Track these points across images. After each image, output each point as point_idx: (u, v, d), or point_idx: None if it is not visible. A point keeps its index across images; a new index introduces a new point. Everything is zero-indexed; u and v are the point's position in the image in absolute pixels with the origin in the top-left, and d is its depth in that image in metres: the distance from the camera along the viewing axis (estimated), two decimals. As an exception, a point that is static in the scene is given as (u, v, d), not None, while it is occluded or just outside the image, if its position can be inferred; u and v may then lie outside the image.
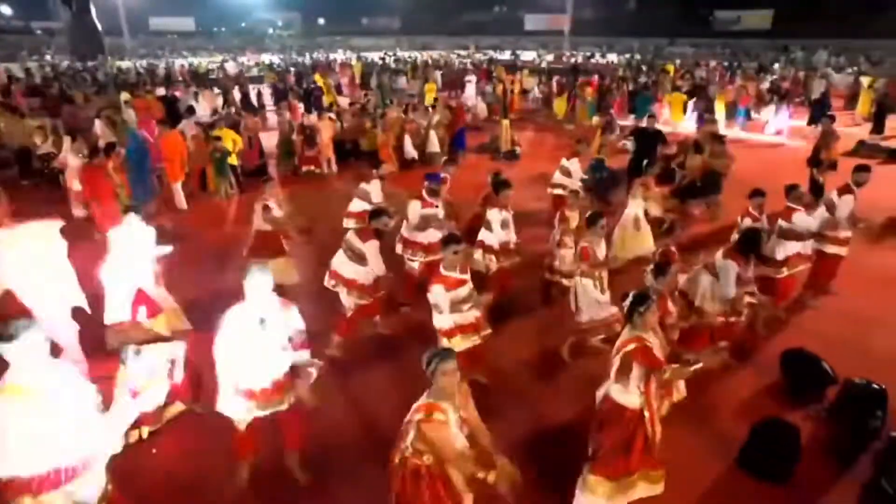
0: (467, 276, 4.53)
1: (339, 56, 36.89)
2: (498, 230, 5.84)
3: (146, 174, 9.21)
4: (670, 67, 28.16)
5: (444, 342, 4.34)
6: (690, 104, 16.58)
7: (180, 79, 23.50)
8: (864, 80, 20.47)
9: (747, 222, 6.00)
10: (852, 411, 4.54)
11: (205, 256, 7.62)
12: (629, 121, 16.25)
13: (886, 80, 19.30)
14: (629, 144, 10.83)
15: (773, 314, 6.06)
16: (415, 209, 6.02)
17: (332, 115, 12.77)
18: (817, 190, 9.89)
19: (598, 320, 5.17)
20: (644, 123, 10.64)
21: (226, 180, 10.19)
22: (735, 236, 5.65)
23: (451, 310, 4.37)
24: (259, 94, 17.74)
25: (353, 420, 4.68)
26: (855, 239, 6.57)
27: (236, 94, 18.26)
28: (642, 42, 45.36)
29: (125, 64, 30.72)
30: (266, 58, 35.78)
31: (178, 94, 16.46)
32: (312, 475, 4.03)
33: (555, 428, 4.61)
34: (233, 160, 10.31)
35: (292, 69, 26.29)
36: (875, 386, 4.58)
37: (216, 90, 18.28)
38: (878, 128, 14.96)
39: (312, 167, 11.75)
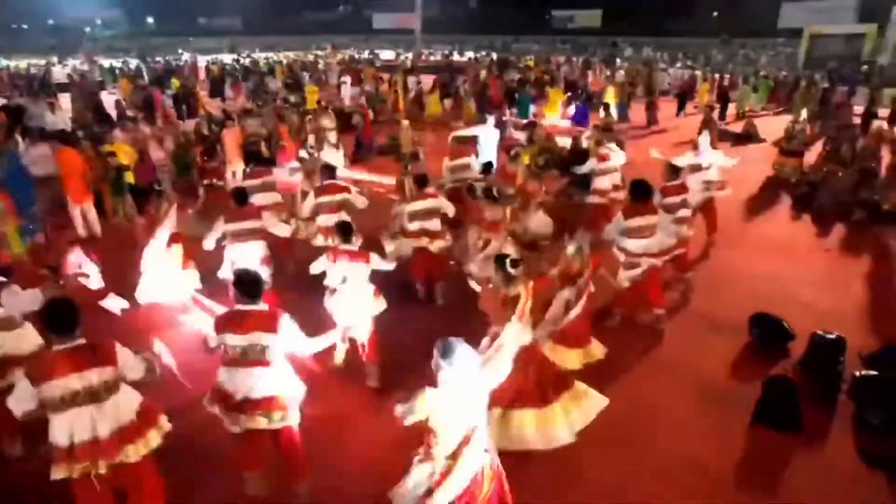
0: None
1: (187, 58, 34.03)
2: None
3: (32, 200, 7.94)
4: (531, 63, 29.89)
5: None
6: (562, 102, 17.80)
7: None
8: (698, 73, 23.43)
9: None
10: (820, 361, 5.29)
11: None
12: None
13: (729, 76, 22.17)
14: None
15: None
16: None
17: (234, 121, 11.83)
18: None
19: None
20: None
21: (124, 200, 9.07)
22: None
23: None
24: (119, 104, 15.87)
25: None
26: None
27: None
28: (490, 39, 47.54)
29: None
30: (106, 62, 31.85)
31: (21, 102, 14.20)
32: None
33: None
34: (129, 177, 9.21)
35: (145, 74, 23.84)
36: (833, 336, 5.36)
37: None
38: (721, 115, 17.20)
39: (214, 180, 10.81)
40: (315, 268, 5.13)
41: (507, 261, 4.16)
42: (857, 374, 5.05)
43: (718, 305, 6.50)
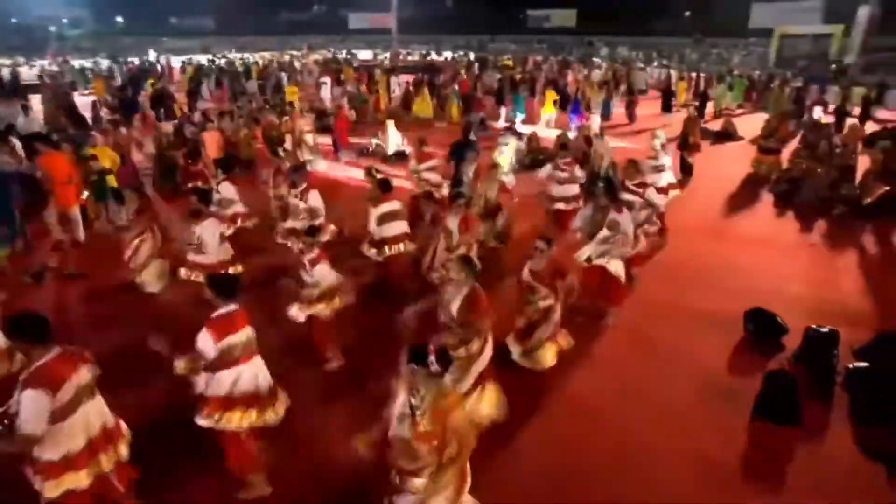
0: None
1: (154, 58, 33.35)
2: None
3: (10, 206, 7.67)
4: (509, 62, 30.02)
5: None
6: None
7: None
8: (674, 73, 23.77)
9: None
10: (814, 354, 5.40)
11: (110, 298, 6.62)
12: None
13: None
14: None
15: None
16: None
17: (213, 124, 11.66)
18: (687, 169, 11.38)
19: None
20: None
21: (107, 205, 8.83)
22: None
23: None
24: (95, 105, 15.48)
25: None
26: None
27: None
28: (467, 39, 47.64)
29: None
30: (75, 62, 31.02)
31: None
32: None
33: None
34: (112, 181, 8.99)
35: (118, 75, 23.29)
36: (826, 329, 5.49)
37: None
38: (700, 113, 17.46)
39: (199, 182, 10.59)
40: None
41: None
42: (851, 366, 5.18)
43: (712, 301, 6.60)
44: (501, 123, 15.75)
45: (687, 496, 3.98)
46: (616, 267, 5.95)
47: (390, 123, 13.71)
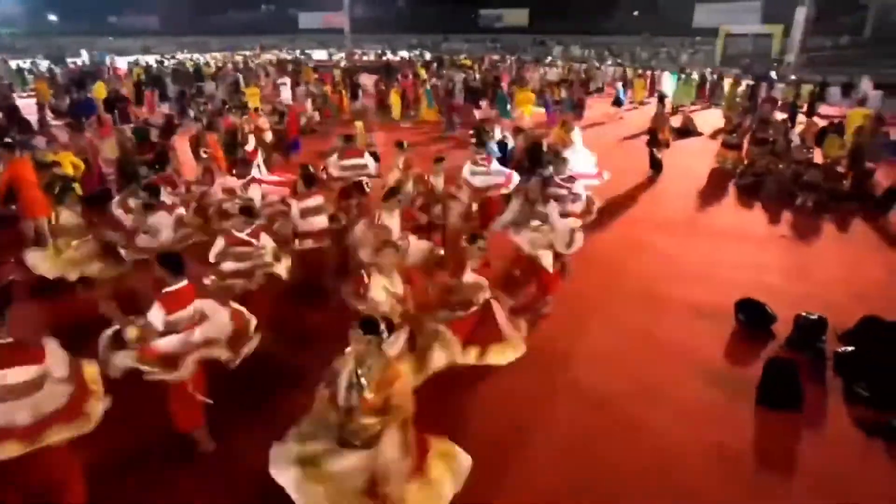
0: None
1: (101, 59, 31.93)
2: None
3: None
4: (467, 62, 30.13)
5: None
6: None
7: None
8: (629, 71, 24.38)
9: None
10: (805, 340, 5.64)
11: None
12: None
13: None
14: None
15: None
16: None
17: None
18: (656, 164, 11.67)
19: None
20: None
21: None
22: None
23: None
24: (41, 108, 14.68)
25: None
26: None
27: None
28: (420, 39, 47.57)
29: None
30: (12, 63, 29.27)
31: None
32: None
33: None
34: (77, 189, 8.53)
35: (59, 76, 22.13)
36: (815, 316, 5.73)
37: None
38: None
39: (169, 189, 10.17)
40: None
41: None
42: (839, 350, 5.43)
43: (699, 294, 6.79)
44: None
45: (710, 490, 4.08)
46: (546, 258, 6.04)
47: (359, 124, 13.53)
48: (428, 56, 35.24)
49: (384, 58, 34.80)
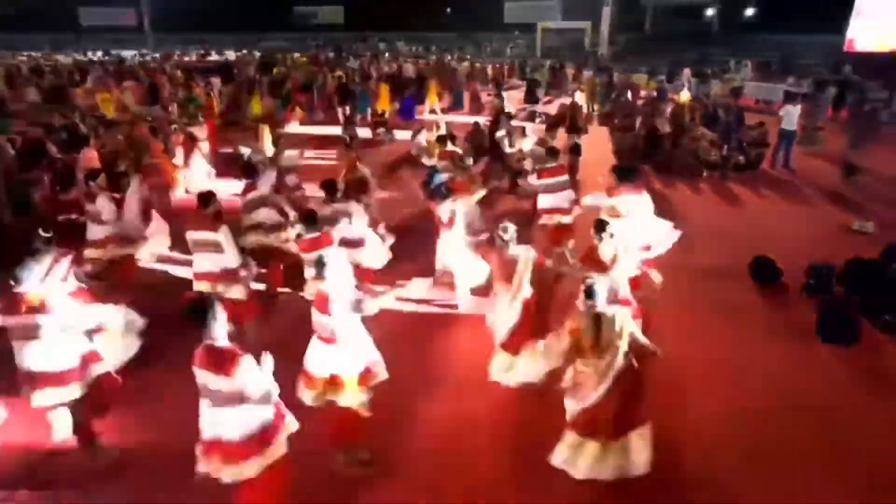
0: None
1: None
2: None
3: None
4: (303, 60, 28.96)
5: None
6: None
7: None
8: (478, 65, 25.48)
9: None
10: (823, 286, 6.56)
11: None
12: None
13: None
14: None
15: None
16: None
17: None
18: (576, 150, 12.40)
19: None
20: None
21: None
22: None
23: None
24: None
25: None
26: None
27: None
28: (236, 37, 44.36)
29: None
30: None
31: None
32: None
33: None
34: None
35: None
36: (826, 266, 6.68)
37: None
38: (532, 99, 19.08)
39: (73, 215, 8.28)
40: None
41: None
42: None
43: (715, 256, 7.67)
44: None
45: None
46: None
47: (264, 127, 12.38)
48: (258, 55, 32.96)
49: (207, 57, 31.90)
